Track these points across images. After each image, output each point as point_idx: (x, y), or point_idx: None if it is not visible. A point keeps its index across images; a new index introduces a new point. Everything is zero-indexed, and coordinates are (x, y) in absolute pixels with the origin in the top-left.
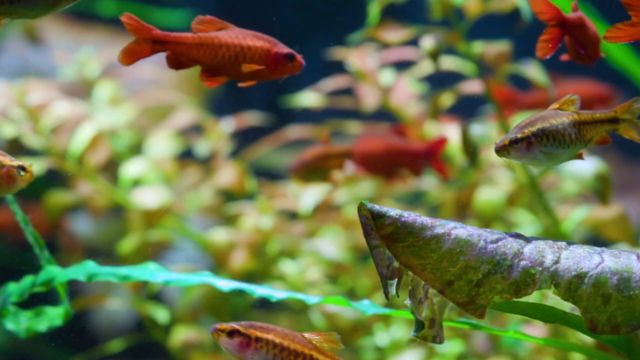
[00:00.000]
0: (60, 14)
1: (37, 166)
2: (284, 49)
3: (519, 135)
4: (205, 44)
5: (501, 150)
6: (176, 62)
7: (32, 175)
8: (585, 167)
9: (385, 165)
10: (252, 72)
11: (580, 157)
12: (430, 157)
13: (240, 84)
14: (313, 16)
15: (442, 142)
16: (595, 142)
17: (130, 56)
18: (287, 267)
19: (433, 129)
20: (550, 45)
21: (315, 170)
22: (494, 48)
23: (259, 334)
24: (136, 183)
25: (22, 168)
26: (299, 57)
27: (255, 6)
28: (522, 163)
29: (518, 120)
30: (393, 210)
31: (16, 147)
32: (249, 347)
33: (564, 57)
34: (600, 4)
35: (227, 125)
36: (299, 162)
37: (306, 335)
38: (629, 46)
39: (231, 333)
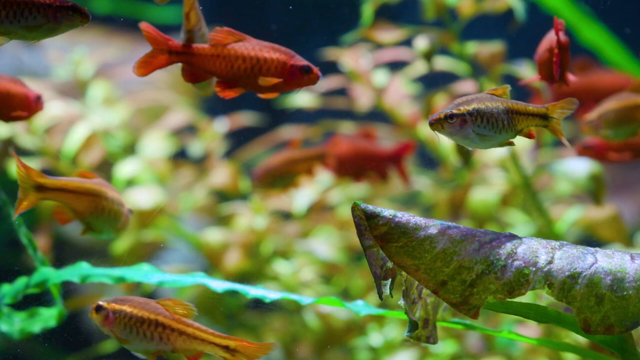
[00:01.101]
0: None
1: (30, 166)
2: (301, 62)
3: (455, 111)
4: (221, 56)
5: (435, 123)
6: (192, 74)
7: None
8: (579, 167)
9: (354, 167)
10: (269, 85)
11: (510, 144)
12: (396, 160)
13: (261, 95)
14: (307, 16)
15: (408, 146)
16: (523, 134)
17: (146, 67)
18: (281, 267)
19: (427, 130)
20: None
21: (281, 177)
22: (488, 48)
23: (116, 306)
24: (130, 183)
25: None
26: (316, 69)
27: (249, 6)
28: (453, 140)
29: None
30: (387, 211)
31: (10, 147)
32: (108, 320)
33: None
34: (594, 4)
35: (221, 125)
36: (264, 169)
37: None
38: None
39: (97, 309)
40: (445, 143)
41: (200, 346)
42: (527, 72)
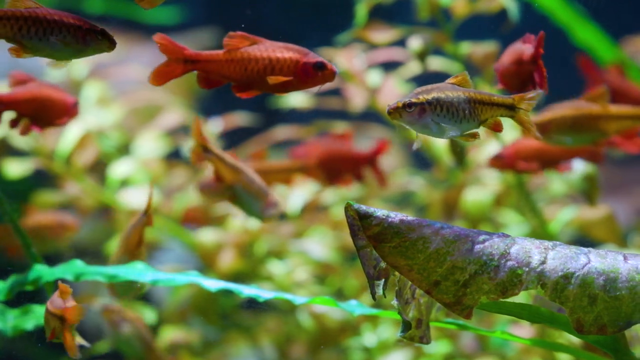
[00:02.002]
0: None
1: (24, 166)
2: (313, 59)
3: (413, 100)
4: (235, 60)
5: (393, 112)
6: (207, 80)
7: None
8: (573, 168)
9: (329, 171)
10: (283, 84)
11: (475, 136)
12: (371, 162)
13: (279, 93)
14: (301, 16)
15: (383, 146)
16: (488, 125)
17: (162, 77)
18: (275, 267)
19: None
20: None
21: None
22: (482, 48)
23: None
24: (124, 183)
25: None
26: (330, 65)
27: (243, 6)
28: (414, 130)
29: None
30: (380, 211)
31: (4, 147)
32: None
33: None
34: (588, 4)
35: (215, 125)
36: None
37: None
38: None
39: None
40: (439, 143)
41: None
42: None
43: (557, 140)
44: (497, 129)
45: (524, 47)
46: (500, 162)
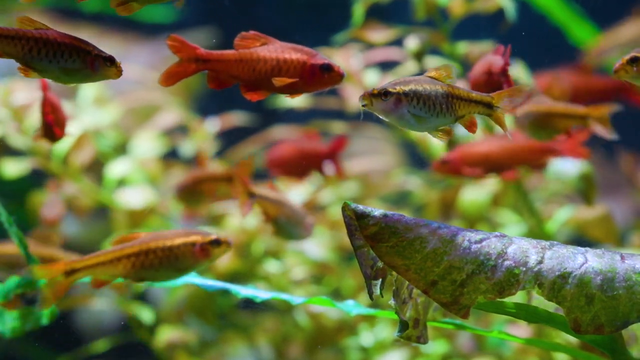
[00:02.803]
0: (43, 12)
1: (21, 166)
2: (320, 60)
3: (390, 89)
4: (244, 60)
5: (367, 98)
6: (217, 80)
7: (227, 248)
8: (570, 167)
9: (297, 167)
10: (290, 85)
11: (449, 133)
12: (331, 157)
13: (288, 97)
14: (298, 16)
15: (341, 142)
16: (464, 121)
17: (173, 77)
18: (272, 267)
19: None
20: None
21: (192, 194)
22: (479, 48)
23: None
24: (121, 183)
25: (217, 242)
26: (337, 67)
27: (240, 5)
28: (389, 120)
29: None
30: (377, 211)
31: (1, 147)
32: None
33: None
34: (585, 3)
35: (212, 125)
36: (178, 185)
37: None
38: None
39: None
40: (436, 143)
41: None
42: (518, 72)
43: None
44: (472, 127)
45: (494, 59)
46: (445, 167)
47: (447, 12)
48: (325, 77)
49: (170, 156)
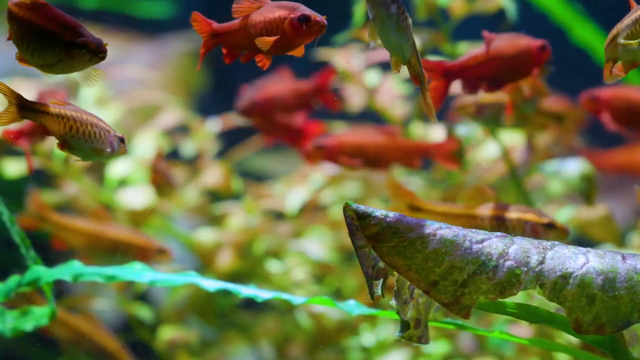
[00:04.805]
0: None
1: (22, 166)
2: (297, 13)
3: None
4: (242, 27)
5: None
6: (230, 54)
7: None
8: (571, 167)
9: (286, 109)
10: (276, 45)
11: (416, 78)
12: (321, 91)
13: (275, 54)
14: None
15: (327, 74)
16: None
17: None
18: (273, 267)
19: (418, 130)
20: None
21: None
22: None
23: None
24: (122, 183)
25: None
26: (314, 16)
27: None
28: (374, 12)
29: None
30: (378, 211)
31: (2, 147)
32: None
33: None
34: (587, 3)
35: (213, 125)
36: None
37: None
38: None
39: None
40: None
41: None
42: None
43: (490, 122)
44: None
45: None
46: (319, 152)
47: (448, 12)
48: (304, 29)
49: (172, 156)
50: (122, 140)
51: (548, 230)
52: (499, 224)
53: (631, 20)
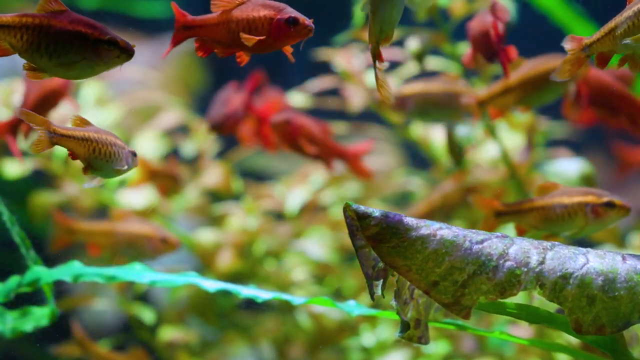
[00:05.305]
0: None
1: (23, 167)
2: (286, 14)
3: None
4: (220, 22)
5: None
6: (203, 47)
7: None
8: (571, 167)
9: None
10: (259, 43)
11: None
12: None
13: (257, 52)
14: None
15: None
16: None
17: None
18: (273, 267)
19: (418, 130)
20: None
21: None
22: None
23: None
24: (122, 183)
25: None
26: (303, 19)
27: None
28: None
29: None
30: (378, 211)
31: (2, 148)
32: None
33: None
34: (587, 4)
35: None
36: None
37: None
38: None
39: None
40: (437, 143)
41: None
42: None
43: (413, 113)
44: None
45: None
46: (283, 127)
47: (448, 13)
48: (292, 31)
49: (172, 156)
50: (134, 154)
51: (608, 210)
52: (562, 210)
53: (632, 12)
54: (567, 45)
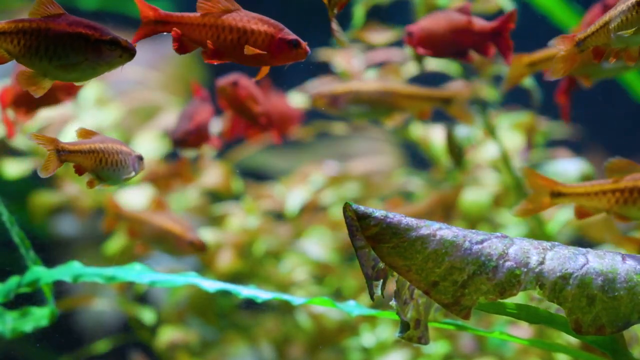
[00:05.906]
0: None
1: (22, 167)
2: (289, 36)
3: None
4: (208, 25)
5: None
6: (179, 44)
7: None
8: (571, 167)
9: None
10: (255, 57)
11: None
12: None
13: (249, 65)
14: (298, 17)
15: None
16: None
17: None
18: (273, 267)
19: (418, 130)
20: None
21: None
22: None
23: None
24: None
25: None
26: (304, 44)
27: (240, 4)
28: None
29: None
30: (378, 211)
31: (2, 148)
32: None
33: None
34: (586, 4)
35: (213, 125)
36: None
37: None
38: None
39: None
40: (437, 143)
41: None
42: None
43: (347, 112)
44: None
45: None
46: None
47: None
48: (292, 53)
49: (172, 157)
50: (140, 158)
51: None
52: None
53: (626, 6)
54: (560, 45)
